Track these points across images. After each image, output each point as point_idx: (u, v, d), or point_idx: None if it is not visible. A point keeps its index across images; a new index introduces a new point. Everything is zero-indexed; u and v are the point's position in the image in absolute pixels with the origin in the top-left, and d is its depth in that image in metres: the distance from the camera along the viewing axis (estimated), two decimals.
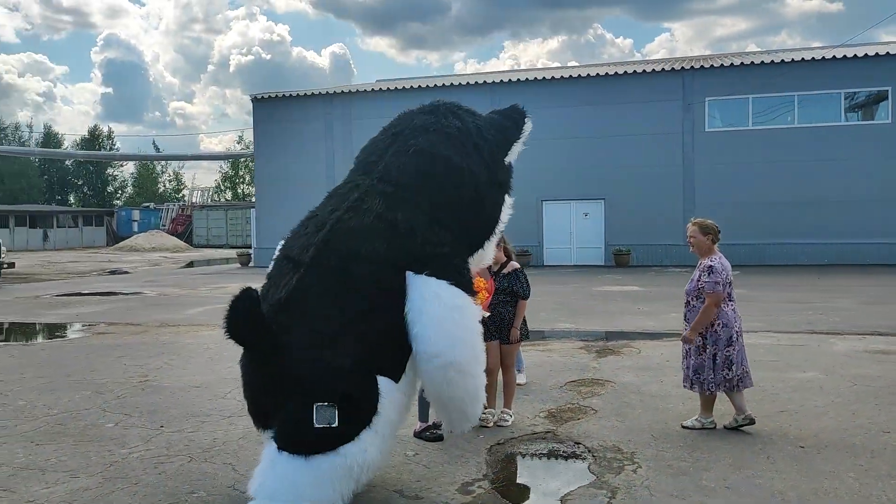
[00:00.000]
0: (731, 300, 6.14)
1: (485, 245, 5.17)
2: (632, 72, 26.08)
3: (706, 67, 25.69)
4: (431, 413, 5.67)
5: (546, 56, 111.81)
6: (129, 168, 77.70)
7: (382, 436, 4.29)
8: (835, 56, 24.97)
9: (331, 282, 4.30)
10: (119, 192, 78.53)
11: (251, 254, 30.20)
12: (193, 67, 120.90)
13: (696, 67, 25.75)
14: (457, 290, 4.47)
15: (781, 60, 24.86)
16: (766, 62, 24.97)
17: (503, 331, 6.25)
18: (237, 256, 31.35)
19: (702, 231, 6.14)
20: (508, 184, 5.30)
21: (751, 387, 6.24)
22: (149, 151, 72.40)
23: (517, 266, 6.38)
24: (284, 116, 28.86)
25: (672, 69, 25.86)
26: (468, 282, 4.68)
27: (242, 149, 67.31)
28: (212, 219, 51.13)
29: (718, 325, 6.00)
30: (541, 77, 27.08)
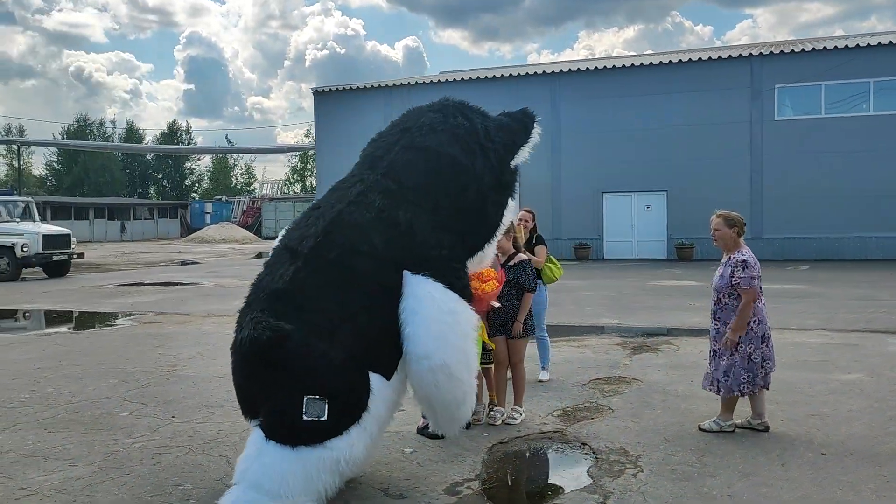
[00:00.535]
0: (762, 295, 5.81)
1: (485, 247, 5.04)
2: (697, 59, 25.27)
3: (776, 53, 24.66)
4: None
5: (621, 45, 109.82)
6: (206, 161, 79.97)
7: (370, 432, 4.24)
8: None
9: (328, 275, 4.28)
10: (196, 185, 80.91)
11: None
12: (270, 63, 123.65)
13: (766, 53, 24.75)
14: (452, 294, 4.40)
15: (857, 45, 23.67)
16: (840, 47, 23.82)
17: (508, 325, 6.06)
18: None
19: (727, 223, 5.80)
20: (513, 187, 5.19)
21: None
22: (224, 146, 74.19)
23: (525, 258, 6.18)
24: (345, 109, 29.07)
25: (740, 56, 24.94)
26: (465, 286, 4.61)
27: (311, 142, 68.32)
28: (280, 211, 52.21)
29: (754, 322, 5.69)
30: (601, 66, 26.51)
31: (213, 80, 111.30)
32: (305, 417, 3.97)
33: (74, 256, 22.98)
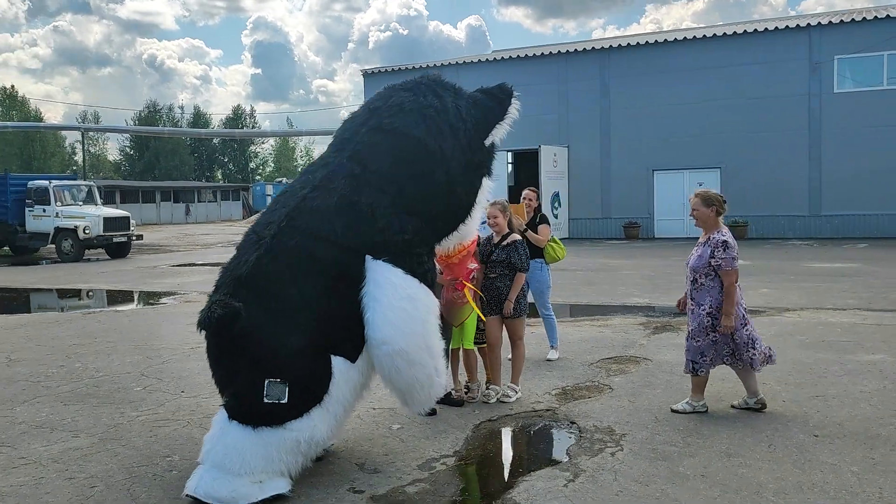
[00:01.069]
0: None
1: (459, 228, 5.00)
2: (752, 31, 24.47)
3: (835, 23, 23.68)
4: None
5: (690, 18, 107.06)
6: (270, 145, 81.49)
7: (334, 414, 4.32)
8: None
9: (289, 261, 4.33)
10: (261, 168, 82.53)
11: None
12: (334, 46, 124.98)
13: (825, 23, 23.80)
14: (412, 280, 4.42)
15: None
16: None
17: (502, 304, 6.06)
18: None
19: (704, 203, 5.69)
20: (487, 166, 5.10)
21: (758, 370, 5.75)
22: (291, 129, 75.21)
23: (518, 238, 6.16)
24: None
25: (797, 26, 24.03)
26: (427, 271, 4.60)
27: None
28: None
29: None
30: (651, 41, 25.89)
31: (279, 64, 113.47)
32: (266, 400, 4.08)
33: (133, 238, 23.84)
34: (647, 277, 14.54)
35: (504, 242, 6.10)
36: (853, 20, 23.51)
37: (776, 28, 24.28)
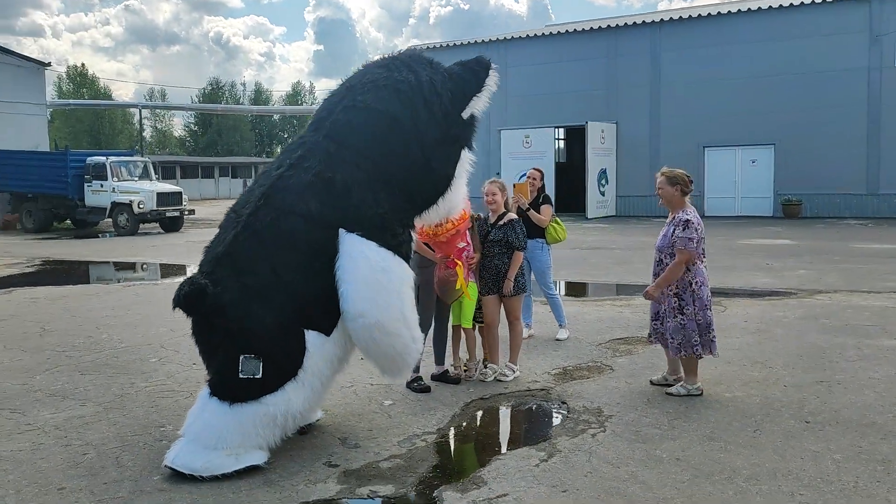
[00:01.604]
0: (704, 258, 5.68)
1: (439, 201, 5.00)
2: (809, 2, 23.57)
3: None
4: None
5: None
6: None
7: (310, 387, 4.43)
8: None
9: (264, 239, 4.42)
10: None
11: None
12: (396, 22, 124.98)
13: None
14: (385, 252, 4.47)
15: None
16: None
17: (500, 283, 6.08)
18: None
19: (669, 182, 5.66)
20: (467, 138, 5.06)
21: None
22: None
23: (514, 217, 6.15)
24: None
25: None
26: (401, 244, 4.65)
27: None
28: None
29: (696, 285, 5.55)
30: (705, 13, 25.17)
31: (341, 41, 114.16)
32: (241, 375, 4.22)
33: (186, 213, 24.49)
34: None
35: (501, 222, 6.11)
36: None
37: None
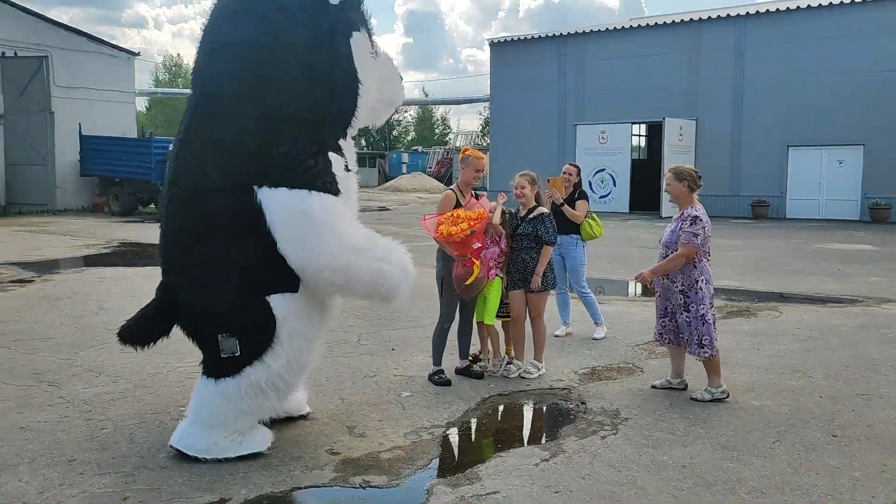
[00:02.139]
0: (709, 255, 5.54)
1: (359, 102, 4.47)
2: None
3: None
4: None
5: None
6: (413, 114, 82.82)
7: (291, 346, 4.34)
8: None
9: (185, 227, 4.38)
10: (402, 136, 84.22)
11: None
12: (485, 15, 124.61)
13: None
14: (298, 194, 4.15)
15: None
16: None
17: (528, 278, 5.99)
18: None
19: (676, 177, 5.53)
20: (348, 21, 4.47)
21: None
22: (436, 97, 75.77)
23: (545, 211, 6.05)
24: (519, 60, 28.84)
25: None
26: (316, 176, 4.24)
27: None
28: None
29: (703, 282, 5.43)
30: (793, 7, 24.13)
31: (431, 34, 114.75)
32: (223, 355, 4.33)
33: None
34: (754, 260, 13.80)
35: (531, 215, 6.02)
36: None
37: None
